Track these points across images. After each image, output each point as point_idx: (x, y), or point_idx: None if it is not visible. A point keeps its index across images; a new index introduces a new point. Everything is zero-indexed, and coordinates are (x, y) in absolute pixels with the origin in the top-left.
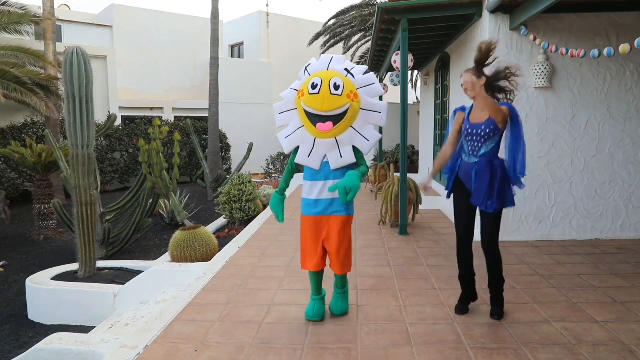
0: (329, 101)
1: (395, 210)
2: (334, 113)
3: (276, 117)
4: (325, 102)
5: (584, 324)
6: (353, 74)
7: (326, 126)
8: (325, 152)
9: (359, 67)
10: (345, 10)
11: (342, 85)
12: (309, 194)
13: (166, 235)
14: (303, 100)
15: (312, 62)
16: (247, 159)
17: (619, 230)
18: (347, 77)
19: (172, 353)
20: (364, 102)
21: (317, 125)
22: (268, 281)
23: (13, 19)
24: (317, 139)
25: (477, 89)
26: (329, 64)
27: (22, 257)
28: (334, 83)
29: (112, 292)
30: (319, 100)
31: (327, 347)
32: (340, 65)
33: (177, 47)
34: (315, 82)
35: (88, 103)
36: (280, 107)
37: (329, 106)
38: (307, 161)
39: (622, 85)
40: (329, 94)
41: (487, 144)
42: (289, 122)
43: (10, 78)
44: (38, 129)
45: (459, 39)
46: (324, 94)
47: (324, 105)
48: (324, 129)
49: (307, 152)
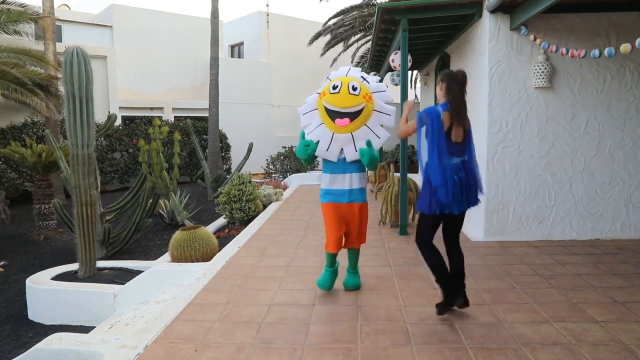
0: (348, 99)
1: (395, 210)
2: (352, 110)
3: (300, 118)
4: (344, 100)
5: (584, 324)
6: (368, 82)
7: (344, 122)
8: (341, 146)
9: (373, 77)
10: (345, 10)
11: (359, 87)
12: (328, 185)
13: (166, 235)
14: (324, 99)
15: (332, 72)
16: (247, 159)
17: (619, 230)
18: (363, 82)
19: (172, 353)
20: (377, 105)
21: (335, 120)
22: (268, 281)
23: (12, 17)
24: (334, 135)
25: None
26: (347, 72)
27: (22, 257)
28: (352, 85)
29: (112, 292)
30: (338, 98)
31: (327, 347)
32: (357, 73)
33: (177, 47)
34: (335, 84)
35: (88, 103)
36: (304, 109)
37: (347, 103)
38: (325, 154)
39: (622, 85)
40: (347, 93)
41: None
42: (311, 121)
43: (11, 78)
44: (38, 129)
45: (459, 39)
46: (343, 93)
47: (343, 102)
48: (341, 124)
49: (325, 146)
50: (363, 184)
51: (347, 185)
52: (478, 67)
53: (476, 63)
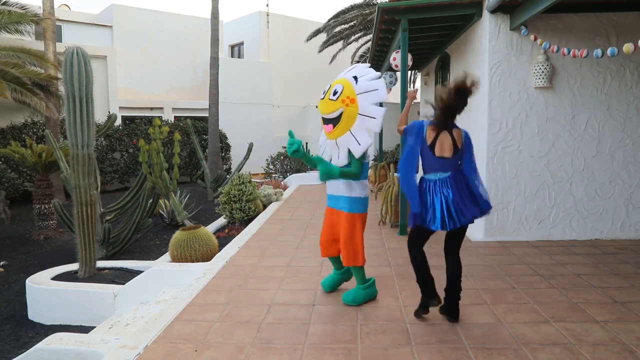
0: (327, 105)
1: (395, 210)
2: (330, 116)
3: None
4: (325, 105)
5: (584, 324)
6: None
7: (328, 127)
8: (330, 152)
9: (371, 74)
10: (345, 10)
11: (340, 91)
12: (328, 189)
13: (166, 235)
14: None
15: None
16: (247, 159)
17: (619, 230)
18: (351, 82)
19: (172, 353)
20: (361, 108)
21: (324, 126)
22: (268, 281)
23: (13, 18)
24: (327, 140)
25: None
26: (346, 72)
27: (22, 257)
28: (334, 89)
29: (112, 292)
30: (322, 103)
31: (327, 347)
32: (352, 72)
33: (177, 47)
34: (325, 88)
35: (88, 103)
36: None
37: (326, 109)
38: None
39: (622, 85)
40: (328, 99)
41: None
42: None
43: (11, 78)
44: (38, 129)
45: (459, 39)
46: (325, 98)
47: (324, 108)
48: (327, 130)
49: (322, 151)
50: (353, 192)
51: (335, 191)
52: (478, 67)
53: (476, 63)
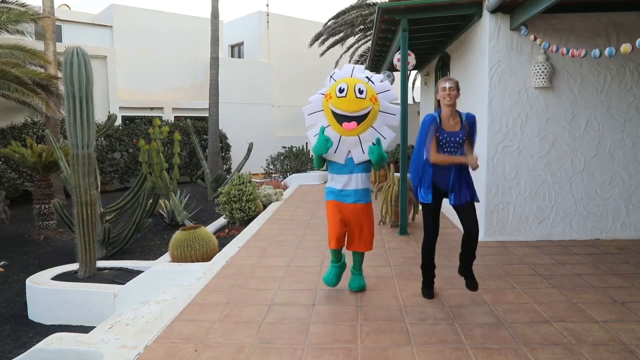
0: (355, 103)
1: (395, 210)
2: (359, 114)
3: (305, 118)
4: (351, 104)
5: (584, 324)
6: (373, 82)
7: (351, 125)
8: (349, 149)
9: (376, 75)
10: (345, 10)
11: (365, 90)
12: (334, 185)
13: (166, 235)
14: (331, 103)
15: (336, 71)
16: (247, 159)
17: (619, 230)
18: (369, 83)
19: (172, 353)
20: (382, 106)
21: (343, 124)
22: (268, 281)
23: (13, 17)
24: (342, 137)
25: (455, 101)
26: (352, 72)
27: (22, 257)
28: (358, 88)
29: (112, 292)
30: (345, 102)
31: (327, 347)
32: (362, 73)
33: (177, 47)
34: (342, 86)
35: (88, 103)
36: (309, 109)
37: (354, 107)
38: (333, 156)
39: (622, 85)
40: (354, 97)
41: (461, 149)
42: (317, 122)
43: (11, 78)
44: (38, 129)
45: (459, 39)
46: (350, 97)
47: (350, 106)
48: (349, 127)
49: (333, 149)
50: (368, 184)
51: (354, 185)
52: (478, 67)
53: (476, 63)
